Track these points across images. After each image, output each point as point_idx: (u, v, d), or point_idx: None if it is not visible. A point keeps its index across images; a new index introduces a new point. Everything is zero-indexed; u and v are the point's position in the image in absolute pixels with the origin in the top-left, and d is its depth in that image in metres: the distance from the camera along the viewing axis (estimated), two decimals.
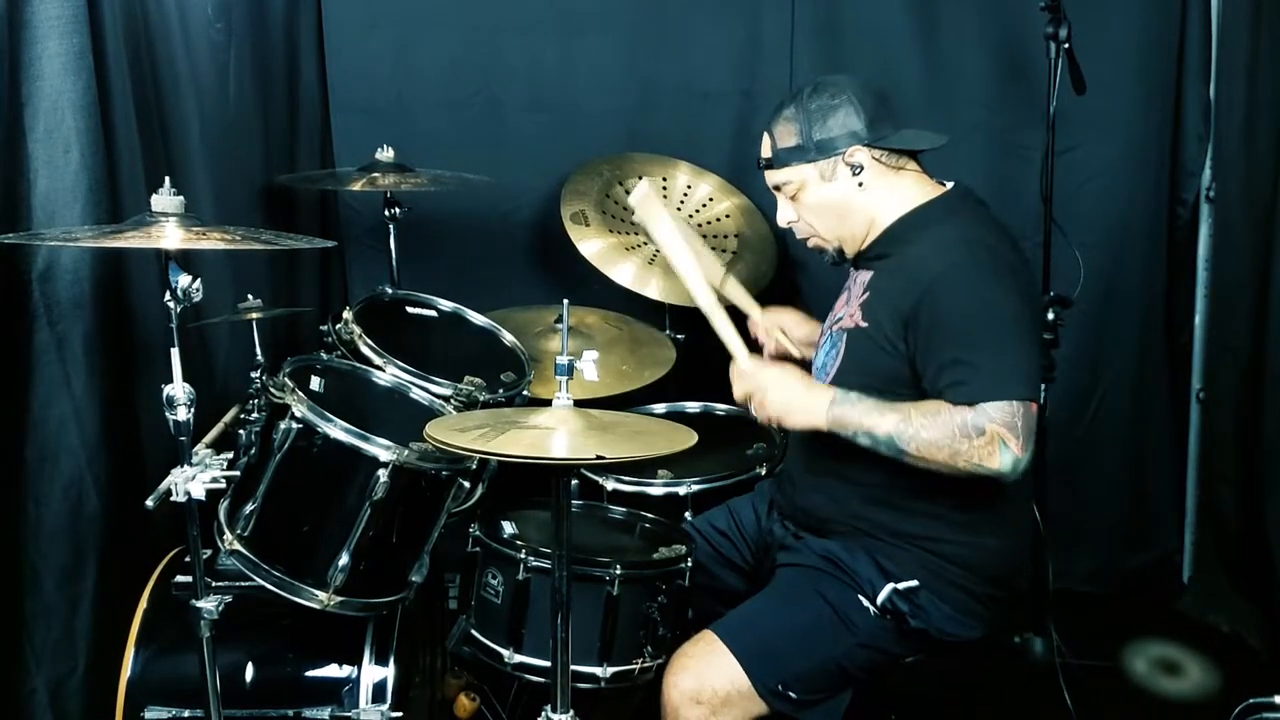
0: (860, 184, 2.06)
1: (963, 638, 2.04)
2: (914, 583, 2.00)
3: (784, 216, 2.16)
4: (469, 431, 1.72)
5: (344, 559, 1.95)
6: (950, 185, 2.12)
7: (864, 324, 2.03)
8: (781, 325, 2.40)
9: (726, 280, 2.43)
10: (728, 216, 3.05)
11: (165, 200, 1.75)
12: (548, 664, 1.86)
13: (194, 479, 1.74)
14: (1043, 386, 2.72)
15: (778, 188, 2.14)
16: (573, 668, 1.86)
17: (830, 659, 2.01)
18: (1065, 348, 2.78)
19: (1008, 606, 2.13)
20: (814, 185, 2.08)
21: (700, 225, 3.03)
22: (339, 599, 1.96)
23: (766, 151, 2.12)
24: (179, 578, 2.11)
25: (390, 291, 2.58)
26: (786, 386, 2.02)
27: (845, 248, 2.14)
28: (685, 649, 2.04)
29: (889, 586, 2.01)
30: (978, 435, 1.85)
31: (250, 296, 2.30)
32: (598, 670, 2.02)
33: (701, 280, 2.18)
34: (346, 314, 2.36)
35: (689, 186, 3.10)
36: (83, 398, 2.09)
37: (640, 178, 3.02)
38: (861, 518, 2.05)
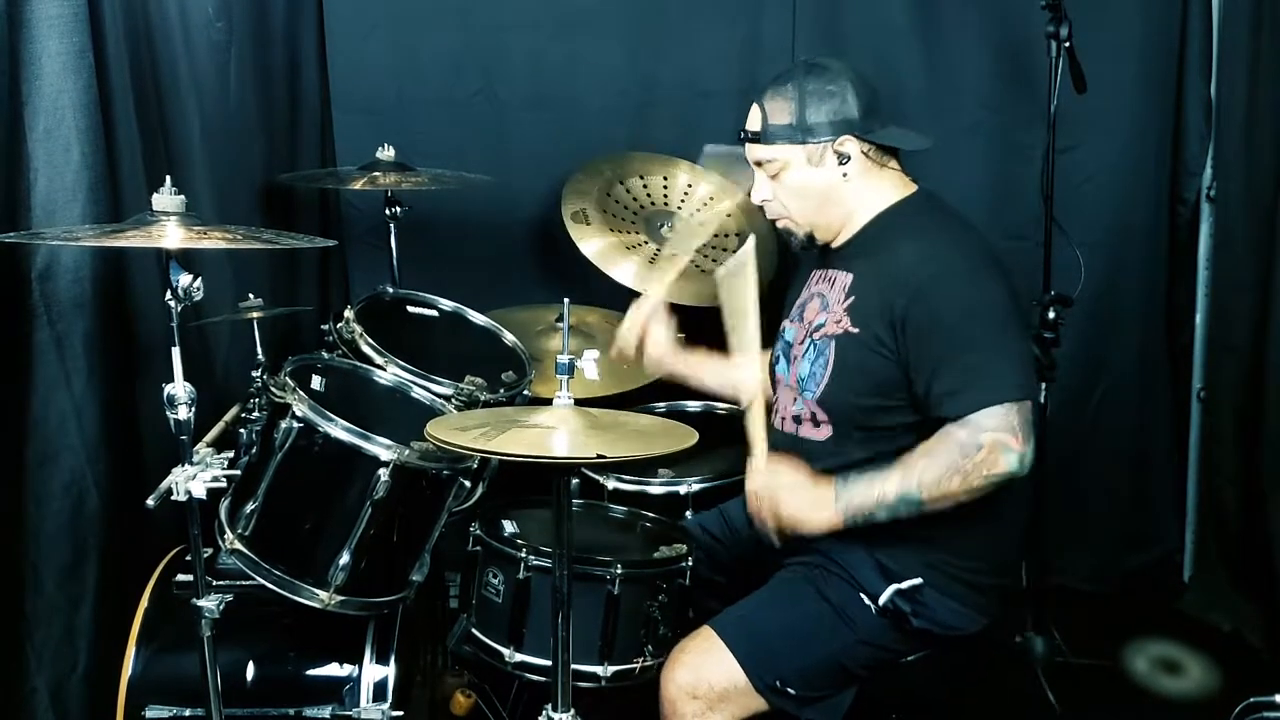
0: (845, 174, 2.04)
1: (965, 631, 2.03)
2: (917, 580, 1.99)
3: (759, 194, 2.12)
4: (470, 431, 1.72)
5: (345, 558, 1.95)
6: (918, 186, 2.10)
7: (854, 329, 2.00)
8: (649, 331, 2.35)
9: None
10: (728, 215, 3.05)
11: (166, 199, 1.75)
12: (548, 663, 1.86)
13: (195, 478, 1.74)
14: (1042, 386, 2.73)
15: (759, 163, 2.09)
16: (573, 667, 1.86)
17: (829, 656, 2.00)
18: (1065, 348, 2.78)
19: (1008, 596, 2.12)
20: (798, 168, 2.04)
21: (701, 224, 3.02)
22: (340, 598, 1.96)
23: (755, 125, 2.06)
24: (180, 576, 2.11)
25: (391, 291, 2.58)
26: (795, 493, 1.97)
27: (817, 234, 2.11)
28: (683, 644, 2.04)
29: (891, 588, 1.99)
30: (977, 450, 1.85)
31: (251, 295, 2.31)
32: (598, 669, 2.03)
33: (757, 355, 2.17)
34: (348, 313, 2.36)
35: (689, 186, 3.10)
36: (83, 397, 2.09)
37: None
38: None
